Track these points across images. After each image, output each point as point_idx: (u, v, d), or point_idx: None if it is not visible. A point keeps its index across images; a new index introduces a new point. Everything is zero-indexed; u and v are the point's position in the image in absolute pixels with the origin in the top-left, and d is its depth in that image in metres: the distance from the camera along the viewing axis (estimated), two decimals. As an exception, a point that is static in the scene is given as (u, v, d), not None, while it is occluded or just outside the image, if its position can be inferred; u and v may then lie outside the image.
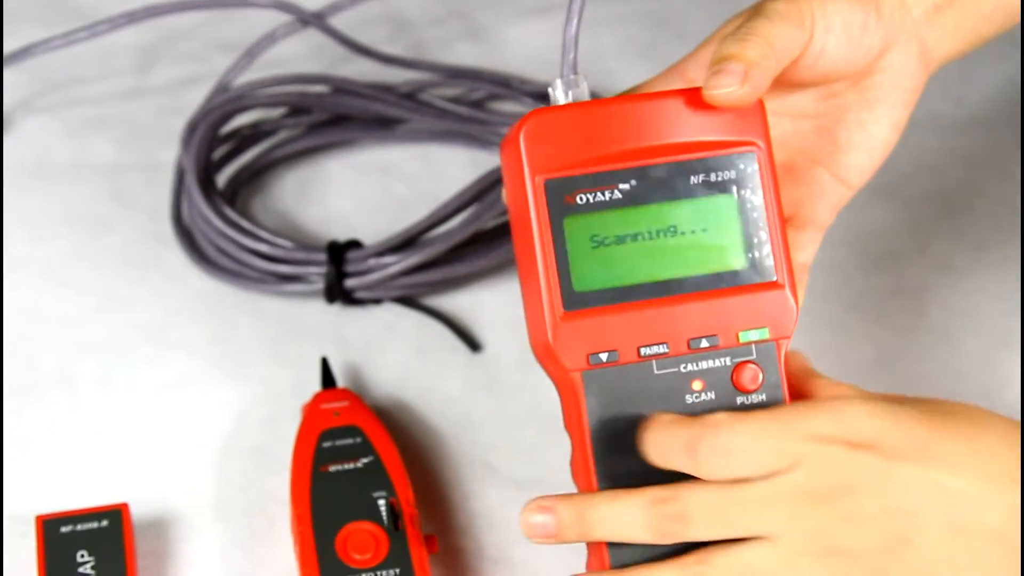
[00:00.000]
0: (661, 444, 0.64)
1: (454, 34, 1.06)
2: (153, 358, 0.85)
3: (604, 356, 0.64)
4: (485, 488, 0.79)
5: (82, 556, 0.74)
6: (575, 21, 0.64)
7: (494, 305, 0.88)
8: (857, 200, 0.74)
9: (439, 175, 0.97)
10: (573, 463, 0.67)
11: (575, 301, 0.64)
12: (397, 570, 0.70)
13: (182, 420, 0.82)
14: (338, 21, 1.05)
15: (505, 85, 0.99)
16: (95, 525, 0.75)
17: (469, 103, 0.97)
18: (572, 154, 0.63)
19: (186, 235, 0.91)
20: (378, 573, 0.70)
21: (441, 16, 1.06)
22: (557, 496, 0.65)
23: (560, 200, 0.63)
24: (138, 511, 0.77)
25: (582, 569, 0.67)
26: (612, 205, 0.64)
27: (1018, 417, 0.67)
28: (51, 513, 0.75)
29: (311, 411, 0.77)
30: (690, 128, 0.64)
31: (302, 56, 1.02)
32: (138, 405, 0.83)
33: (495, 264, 0.88)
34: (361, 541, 0.71)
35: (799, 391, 0.68)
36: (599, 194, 0.64)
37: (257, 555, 0.76)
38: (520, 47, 1.04)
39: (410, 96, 0.97)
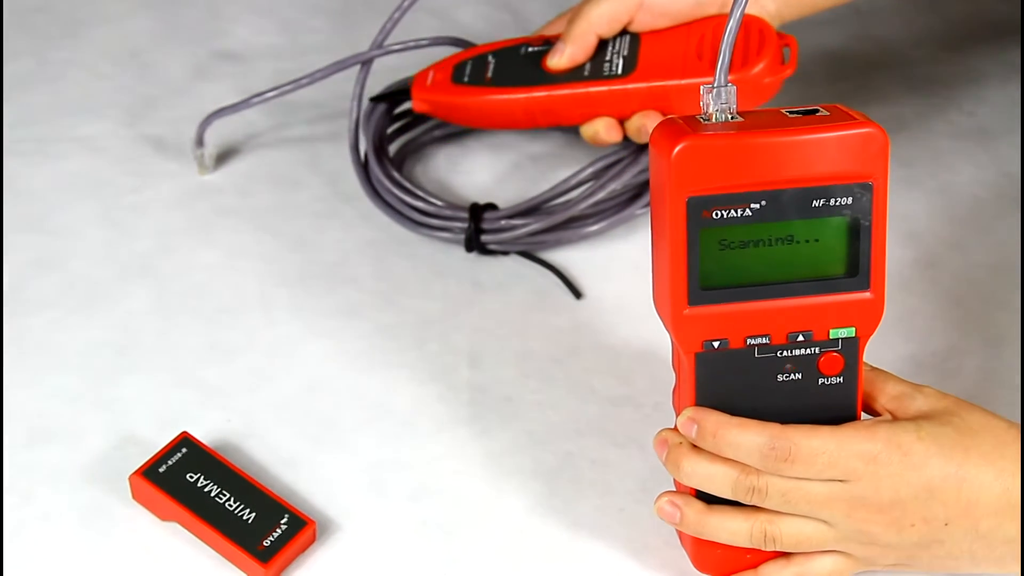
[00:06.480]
0: (733, 445, 0.68)
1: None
2: (331, 289, 0.92)
3: (716, 344, 0.68)
4: (586, 404, 0.84)
5: (191, 477, 0.76)
6: (735, 23, 0.63)
7: (599, 261, 0.94)
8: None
9: (561, 157, 1.01)
10: (677, 395, 0.72)
11: (699, 297, 0.67)
12: None
13: (351, 339, 0.89)
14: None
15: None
16: (180, 455, 0.76)
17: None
18: (715, 177, 0.65)
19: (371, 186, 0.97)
20: None
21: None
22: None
23: (699, 214, 0.65)
24: (308, 405, 0.84)
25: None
26: (743, 221, 0.65)
27: None
28: (139, 468, 0.76)
29: None
30: (822, 163, 0.65)
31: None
32: (319, 325, 0.90)
33: (600, 229, 0.94)
34: None
35: (868, 379, 0.71)
36: (733, 211, 0.65)
37: (424, 452, 0.82)
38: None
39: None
